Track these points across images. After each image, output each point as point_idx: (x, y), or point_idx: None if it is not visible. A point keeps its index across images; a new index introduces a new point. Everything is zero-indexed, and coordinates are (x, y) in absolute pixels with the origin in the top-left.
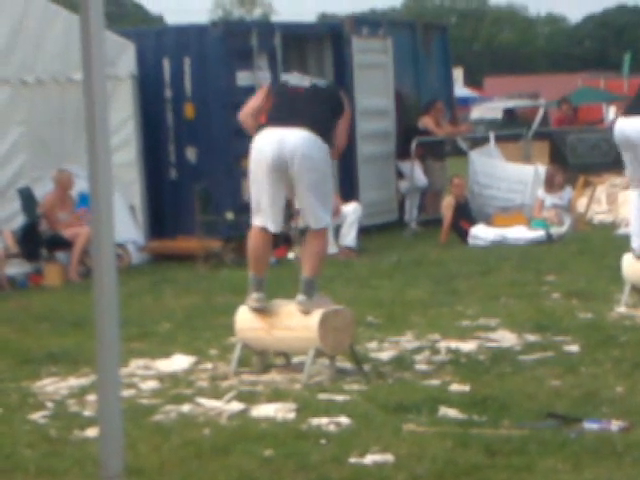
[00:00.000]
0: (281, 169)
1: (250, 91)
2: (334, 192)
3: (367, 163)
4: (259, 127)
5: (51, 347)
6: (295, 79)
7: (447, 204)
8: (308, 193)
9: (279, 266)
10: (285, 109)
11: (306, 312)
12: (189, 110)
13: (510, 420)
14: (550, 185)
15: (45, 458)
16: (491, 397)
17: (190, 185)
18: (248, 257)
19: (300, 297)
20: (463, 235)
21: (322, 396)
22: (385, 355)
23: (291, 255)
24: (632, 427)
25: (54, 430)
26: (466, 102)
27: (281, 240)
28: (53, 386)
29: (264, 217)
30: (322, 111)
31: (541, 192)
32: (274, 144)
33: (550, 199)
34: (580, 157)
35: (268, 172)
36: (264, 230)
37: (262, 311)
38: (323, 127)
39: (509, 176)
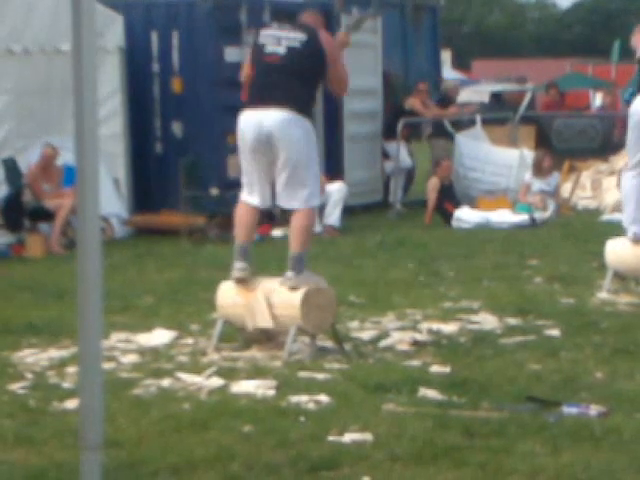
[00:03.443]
0: (263, 150)
1: (238, 67)
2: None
3: (353, 142)
4: (243, 104)
5: (32, 318)
6: (272, 41)
7: (432, 186)
8: (285, 173)
9: (262, 243)
10: (262, 85)
11: (294, 288)
12: (177, 84)
13: (489, 402)
14: (539, 170)
15: (24, 428)
16: (471, 379)
17: (175, 160)
18: (235, 227)
19: (288, 273)
20: (447, 217)
21: (302, 374)
22: (366, 335)
23: (276, 233)
24: (610, 412)
25: (33, 401)
26: None
27: (264, 218)
28: (33, 357)
29: (252, 192)
30: (300, 81)
31: (528, 176)
32: (253, 127)
33: (538, 184)
34: (566, 142)
35: (252, 153)
36: (251, 204)
37: (245, 287)
38: (301, 101)
39: (494, 159)
